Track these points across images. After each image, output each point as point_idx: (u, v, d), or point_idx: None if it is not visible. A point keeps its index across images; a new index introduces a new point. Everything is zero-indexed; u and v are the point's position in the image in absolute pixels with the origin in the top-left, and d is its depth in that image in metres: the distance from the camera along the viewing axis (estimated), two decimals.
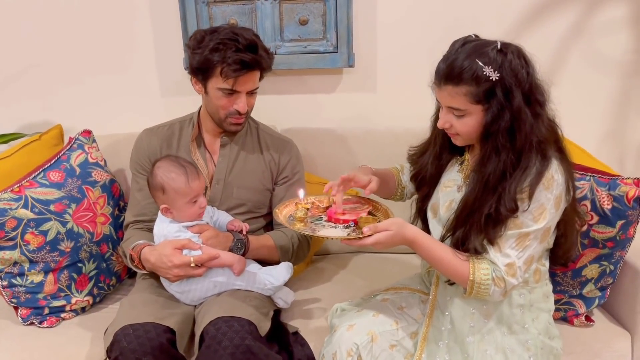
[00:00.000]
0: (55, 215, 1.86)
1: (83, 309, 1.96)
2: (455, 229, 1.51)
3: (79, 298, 1.92)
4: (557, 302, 1.79)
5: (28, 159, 2.02)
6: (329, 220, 1.56)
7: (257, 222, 1.95)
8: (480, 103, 1.42)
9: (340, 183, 1.57)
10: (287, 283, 1.80)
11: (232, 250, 1.75)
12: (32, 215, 1.82)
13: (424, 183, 1.70)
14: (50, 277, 1.87)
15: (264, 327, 1.62)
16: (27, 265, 1.85)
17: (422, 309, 1.67)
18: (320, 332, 1.75)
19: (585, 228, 1.71)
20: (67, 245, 1.88)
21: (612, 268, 1.77)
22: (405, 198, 1.84)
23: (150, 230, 1.78)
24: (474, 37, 1.48)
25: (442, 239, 1.56)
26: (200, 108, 1.94)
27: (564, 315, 1.85)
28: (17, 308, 1.88)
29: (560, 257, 1.60)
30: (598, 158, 1.96)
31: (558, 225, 1.52)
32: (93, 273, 1.96)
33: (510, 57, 1.40)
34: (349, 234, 1.48)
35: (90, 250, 1.94)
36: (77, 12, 2.34)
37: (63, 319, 1.91)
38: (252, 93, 1.81)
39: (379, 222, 1.50)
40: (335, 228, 1.53)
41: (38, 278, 1.86)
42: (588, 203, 1.70)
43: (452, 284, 1.57)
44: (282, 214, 1.60)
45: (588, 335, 1.81)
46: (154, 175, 1.69)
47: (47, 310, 1.88)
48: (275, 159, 1.95)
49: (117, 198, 2.09)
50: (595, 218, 1.70)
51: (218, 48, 1.69)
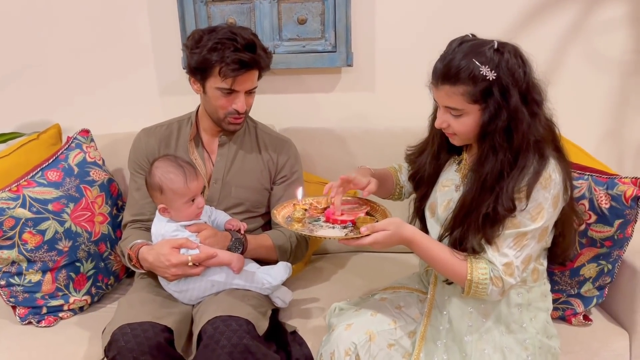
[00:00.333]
0: (53, 215, 1.86)
1: (81, 309, 1.96)
2: (453, 229, 1.51)
3: (77, 297, 1.92)
4: (555, 301, 1.79)
5: (26, 158, 2.02)
6: (327, 221, 1.56)
7: (255, 221, 1.95)
8: (478, 102, 1.42)
9: (340, 184, 1.57)
10: (285, 282, 1.79)
11: (230, 250, 1.75)
12: (30, 215, 1.82)
13: (422, 183, 1.70)
14: (48, 276, 1.87)
15: (262, 326, 1.62)
16: (25, 265, 1.85)
17: (420, 308, 1.67)
18: (318, 331, 1.75)
19: (583, 227, 1.71)
20: (65, 245, 1.88)
21: (610, 267, 1.77)
22: (404, 197, 1.84)
23: (149, 230, 1.78)
24: (471, 36, 1.48)
25: (440, 239, 1.56)
26: (199, 107, 1.93)
27: (562, 315, 1.85)
28: (15, 307, 1.88)
29: (558, 256, 1.60)
30: (596, 157, 1.96)
31: (556, 225, 1.52)
32: (91, 272, 1.96)
33: (507, 56, 1.40)
34: (347, 234, 1.49)
35: (88, 250, 1.94)
36: (75, 11, 2.33)
37: (61, 319, 1.91)
38: (250, 92, 1.81)
39: (377, 222, 1.50)
40: (333, 228, 1.53)
41: (36, 277, 1.86)
42: (586, 202, 1.70)
43: (450, 284, 1.57)
44: (280, 215, 1.60)
45: (586, 335, 1.81)
46: (152, 175, 1.69)
47: (45, 310, 1.88)
48: (274, 159, 1.95)
49: (115, 197, 2.09)
50: (593, 217, 1.70)
51: (216, 48, 1.69)
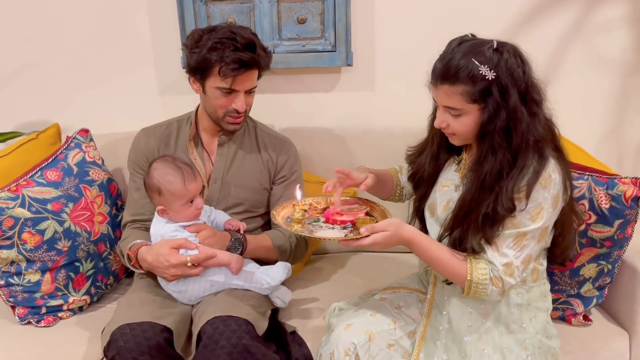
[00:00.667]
0: (53, 214, 1.86)
1: (80, 308, 1.95)
2: (453, 229, 1.51)
3: (77, 297, 1.92)
4: (555, 301, 1.79)
5: (25, 158, 2.02)
6: (327, 222, 1.56)
7: (254, 221, 1.95)
8: (477, 102, 1.42)
9: (337, 180, 1.57)
10: (285, 282, 1.80)
11: (229, 250, 1.75)
12: (29, 215, 1.82)
13: (422, 183, 1.70)
14: (48, 276, 1.87)
15: (262, 326, 1.62)
16: (24, 265, 1.84)
17: (419, 309, 1.67)
18: (318, 331, 1.75)
19: (583, 227, 1.71)
20: (64, 245, 1.87)
21: (610, 267, 1.77)
22: (405, 199, 1.84)
23: (148, 230, 1.78)
24: (471, 36, 1.48)
25: (439, 239, 1.56)
26: (198, 107, 1.93)
27: (562, 315, 1.85)
28: (14, 307, 1.88)
29: (558, 256, 1.60)
30: (596, 157, 1.96)
31: (555, 225, 1.52)
32: (90, 272, 1.96)
33: (507, 56, 1.39)
34: (347, 235, 1.48)
35: (88, 250, 1.94)
36: (75, 10, 2.33)
37: (60, 318, 1.91)
38: (250, 92, 1.80)
39: (377, 222, 1.50)
40: (333, 229, 1.53)
41: (35, 277, 1.86)
42: (586, 202, 1.70)
43: (449, 284, 1.57)
44: (279, 216, 1.60)
45: (586, 335, 1.81)
46: (151, 177, 1.69)
47: (44, 310, 1.88)
48: (273, 159, 1.94)
49: (114, 197, 2.08)
50: (593, 217, 1.70)
51: (216, 47, 1.69)
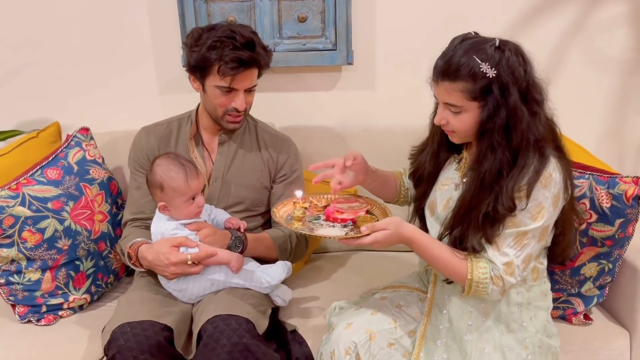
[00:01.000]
0: (53, 213, 1.86)
1: (81, 307, 1.95)
2: (453, 228, 1.51)
3: (77, 296, 1.92)
4: (555, 300, 1.79)
5: (25, 157, 2.01)
6: (327, 220, 1.56)
7: (255, 220, 1.95)
8: (477, 100, 1.41)
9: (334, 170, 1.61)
10: (285, 281, 1.80)
11: (229, 248, 1.75)
12: (29, 213, 1.82)
13: (422, 181, 1.70)
14: (48, 275, 1.87)
15: (262, 325, 1.62)
16: (24, 263, 1.84)
17: (420, 308, 1.67)
18: (319, 330, 1.75)
19: (584, 226, 1.71)
20: (64, 243, 1.87)
21: (610, 266, 1.77)
22: (410, 201, 1.83)
23: (148, 228, 1.78)
24: (474, 34, 1.48)
25: (440, 238, 1.56)
26: (199, 106, 1.93)
27: (563, 314, 1.85)
28: (14, 306, 1.88)
29: (558, 255, 1.60)
30: (597, 156, 1.96)
31: (556, 224, 1.52)
32: (91, 271, 1.96)
33: (508, 54, 1.39)
34: (347, 233, 1.48)
35: (88, 248, 1.94)
36: (75, 9, 2.33)
37: (61, 317, 1.91)
38: (250, 91, 1.80)
39: (377, 221, 1.49)
40: (334, 227, 1.53)
41: (35, 276, 1.86)
42: (587, 201, 1.70)
43: (450, 283, 1.57)
44: (279, 213, 1.60)
45: (586, 334, 1.81)
46: (153, 173, 1.69)
47: (44, 308, 1.88)
48: (274, 157, 1.94)
49: (115, 196, 2.08)
50: (594, 216, 1.69)
51: (215, 46, 1.69)
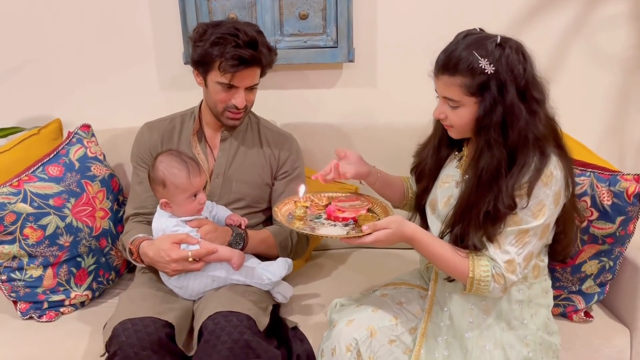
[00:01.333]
0: (54, 210, 1.86)
1: (82, 304, 1.96)
2: (454, 225, 1.51)
3: (78, 292, 1.92)
4: (556, 297, 1.79)
5: (27, 153, 2.02)
6: (329, 218, 1.56)
7: (256, 217, 1.95)
8: (474, 95, 1.42)
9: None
10: (286, 278, 1.80)
11: (230, 245, 1.75)
12: (31, 210, 1.82)
13: (423, 176, 1.70)
14: (49, 271, 1.87)
15: (263, 322, 1.62)
16: (26, 260, 1.85)
17: (421, 305, 1.67)
18: (320, 327, 1.75)
19: (585, 224, 1.71)
20: (66, 240, 1.87)
21: (611, 264, 1.77)
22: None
23: (150, 223, 1.78)
24: (478, 30, 1.48)
25: (441, 236, 1.56)
26: (202, 102, 1.93)
27: (563, 311, 1.85)
28: (16, 302, 1.88)
29: (559, 253, 1.60)
30: (598, 154, 1.95)
31: (557, 222, 1.52)
32: (92, 268, 1.96)
33: (508, 51, 1.39)
34: (349, 232, 1.48)
35: (90, 245, 1.94)
36: (76, 5, 2.32)
37: (62, 314, 1.91)
38: (251, 89, 1.80)
39: (378, 219, 1.50)
40: (335, 226, 1.53)
41: (37, 272, 1.86)
42: (588, 199, 1.70)
43: (451, 281, 1.57)
44: (280, 212, 1.60)
45: (587, 331, 1.81)
46: (156, 170, 1.69)
47: (46, 305, 1.88)
48: (275, 154, 1.94)
49: (116, 192, 2.08)
50: (595, 214, 1.69)
51: (218, 42, 1.69)
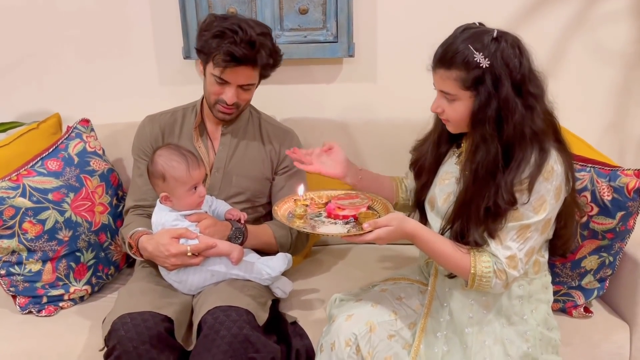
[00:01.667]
0: (54, 204, 1.86)
1: (81, 298, 1.96)
2: (454, 221, 1.51)
3: (78, 287, 1.92)
4: (556, 293, 1.79)
5: (26, 148, 2.01)
6: (329, 216, 1.55)
7: (256, 211, 1.95)
8: (469, 89, 1.41)
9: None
10: (285, 273, 1.80)
11: (230, 239, 1.75)
12: (30, 204, 1.81)
13: (422, 171, 1.69)
14: (49, 266, 1.87)
15: (262, 316, 1.62)
16: (25, 254, 1.84)
17: (420, 300, 1.66)
18: (319, 322, 1.75)
19: (585, 219, 1.71)
20: (65, 235, 1.87)
21: (611, 259, 1.77)
22: (412, 206, 1.83)
23: (150, 217, 1.78)
24: (477, 24, 1.47)
25: (441, 232, 1.55)
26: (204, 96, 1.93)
27: (563, 307, 1.85)
28: (15, 297, 1.88)
29: (559, 247, 1.60)
30: (598, 149, 1.95)
31: (559, 216, 1.52)
32: (91, 262, 1.96)
33: (504, 45, 1.39)
34: (349, 230, 1.48)
35: (89, 240, 1.94)
36: (75, 0, 2.32)
37: (61, 308, 1.91)
38: (245, 88, 1.79)
39: (379, 217, 1.49)
40: (335, 224, 1.52)
41: (36, 267, 1.86)
42: (588, 194, 1.69)
43: (451, 278, 1.57)
44: (280, 211, 1.59)
45: (587, 327, 1.81)
46: (155, 163, 1.69)
47: (45, 299, 1.88)
48: (276, 149, 1.94)
49: (115, 187, 2.08)
50: (595, 209, 1.69)
51: (218, 35, 1.70)
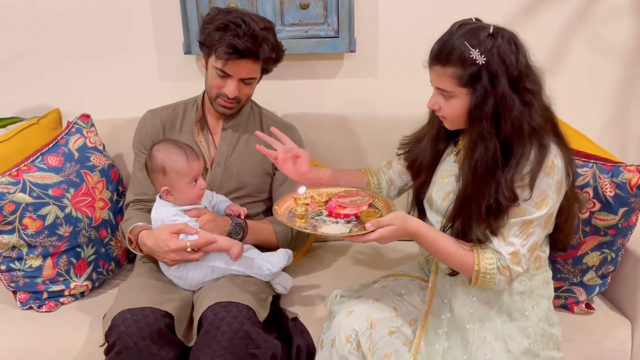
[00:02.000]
0: (54, 200, 1.85)
1: (82, 294, 1.95)
2: (454, 219, 1.51)
3: (78, 283, 1.92)
4: (557, 289, 1.79)
5: (26, 143, 2.01)
6: (330, 215, 1.54)
7: (256, 206, 1.95)
8: (466, 86, 1.41)
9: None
10: (286, 270, 1.80)
11: (230, 235, 1.75)
12: (30, 200, 1.81)
13: (421, 170, 1.68)
14: (49, 261, 1.87)
15: (263, 312, 1.62)
16: (25, 250, 1.84)
17: (421, 296, 1.66)
18: (320, 318, 1.75)
19: (587, 215, 1.70)
20: (65, 230, 1.87)
21: (613, 256, 1.76)
22: (400, 192, 1.84)
23: (150, 211, 1.78)
24: (474, 20, 1.46)
25: (442, 230, 1.55)
26: (205, 91, 1.93)
27: (565, 303, 1.85)
28: (15, 292, 1.88)
29: (560, 241, 1.59)
30: (600, 145, 1.95)
31: (560, 210, 1.51)
32: (92, 258, 1.96)
33: (500, 42, 1.38)
34: (352, 230, 1.47)
35: (89, 235, 1.94)
36: None
37: (62, 304, 1.91)
38: (247, 82, 1.79)
39: (381, 215, 1.49)
40: (337, 223, 1.51)
41: (36, 262, 1.86)
42: (590, 190, 1.69)
43: (452, 276, 1.56)
44: (281, 210, 1.58)
45: (588, 323, 1.81)
46: (154, 158, 1.68)
47: (45, 295, 1.88)
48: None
49: (116, 183, 2.08)
50: (598, 205, 1.68)
51: (221, 28, 1.70)
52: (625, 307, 1.84)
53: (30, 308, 1.88)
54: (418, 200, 1.73)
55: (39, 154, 1.91)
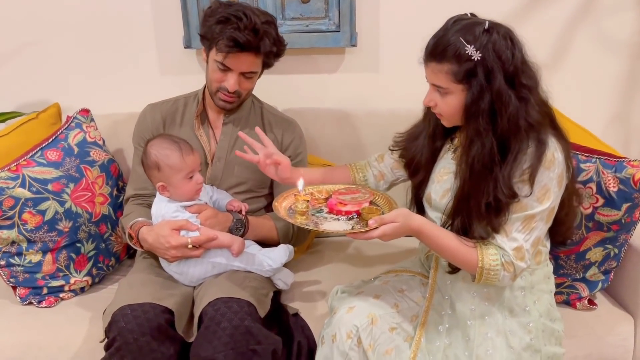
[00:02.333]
0: (53, 195, 1.84)
1: (82, 289, 1.95)
2: (454, 217, 1.50)
3: (78, 278, 1.91)
4: (560, 285, 1.78)
5: (25, 138, 2.00)
6: (331, 212, 1.53)
7: (257, 201, 1.94)
8: (462, 83, 1.40)
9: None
10: (287, 265, 1.79)
11: (231, 231, 1.74)
12: (29, 195, 1.80)
13: (420, 168, 1.67)
14: (49, 257, 1.86)
15: (263, 308, 1.62)
16: (25, 245, 1.84)
17: (422, 292, 1.66)
18: (321, 314, 1.75)
19: (590, 210, 1.69)
20: (65, 225, 1.86)
21: (616, 251, 1.76)
22: (391, 186, 1.82)
23: (150, 206, 1.77)
24: (469, 15, 1.45)
25: (443, 227, 1.54)
26: (206, 85, 1.92)
27: (567, 299, 1.84)
28: (15, 288, 1.88)
29: (561, 234, 1.58)
30: (604, 140, 1.94)
31: (561, 203, 1.50)
32: (92, 253, 1.95)
33: (496, 37, 1.37)
34: (354, 227, 1.46)
35: (89, 231, 1.93)
36: None
37: (62, 299, 1.90)
38: (247, 76, 1.78)
39: (382, 212, 1.48)
40: (338, 220, 1.50)
41: (36, 258, 1.85)
42: (593, 185, 1.68)
43: (452, 273, 1.56)
44: (281, 207, 1.57)
45: (591, 319, 1.80)
46: (148, 154, 1.68)
47: (45, 290, 1.88)
48: (279, 139, 1.93)
49: (115, 178, 2.07)
50: (601, 200, 1.68)
51: (221, 21, 1.69)
52: (628, 303, 1.83)
53: (30, 303, 1.87)
54: (417, 199, 1.72)
55: (39, 149, 1.91)
